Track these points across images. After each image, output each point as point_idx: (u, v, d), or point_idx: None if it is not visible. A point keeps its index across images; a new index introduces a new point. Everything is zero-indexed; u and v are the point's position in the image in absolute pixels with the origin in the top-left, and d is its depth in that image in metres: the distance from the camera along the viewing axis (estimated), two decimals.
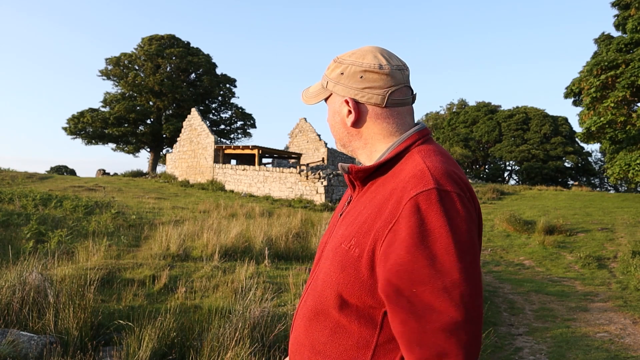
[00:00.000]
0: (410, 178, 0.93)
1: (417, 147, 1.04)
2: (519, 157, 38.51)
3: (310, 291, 1.09)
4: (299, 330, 1.08)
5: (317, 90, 1.16)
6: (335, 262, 1.00)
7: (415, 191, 0.89)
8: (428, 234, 0.86)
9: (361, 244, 0.96)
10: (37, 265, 4.98)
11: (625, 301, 6.61)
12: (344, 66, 1.09)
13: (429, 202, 0.87)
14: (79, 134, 35.40)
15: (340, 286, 0.97)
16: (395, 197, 0.93)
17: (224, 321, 3.90)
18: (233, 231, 8.61)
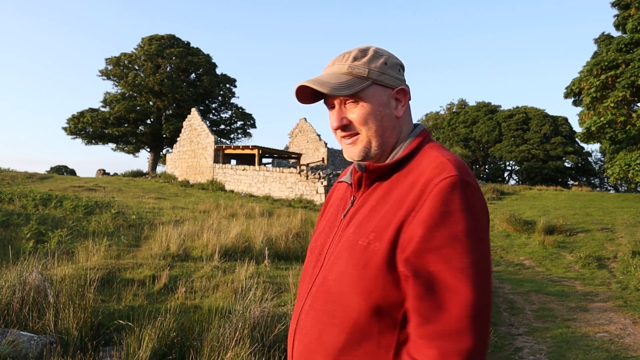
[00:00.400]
0: (433, 169, 0.97)
1: (428, 143, 1.08)
2: (519, 157, 38.50)
3: (320, 293, 1.04)
4: (310, 337, 1.02)
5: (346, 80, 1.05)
6: (354, 260, 0.98)
7: (440, 178, 0.93)
8: (449, 215, 0.89)
9: (381, 238, 0.96)
10: (37, 265, 4.98)
11: (625, 301, 6.61)
12: (385, 57, 1.09)
13: (453, 187, 0.92)
14: (79, 134, 35.39)
15: (361, 284, 0.95)
16: (417, 188, 0.96)
17: (224, 321, 3.90)
18: (233, 231, 8.61)
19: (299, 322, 1.08)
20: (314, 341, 1.01)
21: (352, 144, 1.09)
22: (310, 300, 1.06)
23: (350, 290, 0.97)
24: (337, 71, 1.08)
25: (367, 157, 1.09)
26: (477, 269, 0.87)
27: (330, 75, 1.07)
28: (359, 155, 1.08)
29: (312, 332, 1.02)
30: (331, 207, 1.24)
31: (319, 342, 1.00)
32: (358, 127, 1.07)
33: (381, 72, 1.07)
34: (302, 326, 1.06)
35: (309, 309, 1.05)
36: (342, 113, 1.08)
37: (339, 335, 0.97)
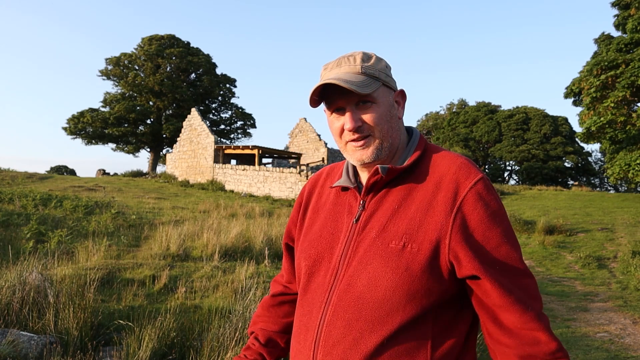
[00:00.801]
0: (457, 170, 1.03)
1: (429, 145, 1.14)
2: (519, 157, 38.50)
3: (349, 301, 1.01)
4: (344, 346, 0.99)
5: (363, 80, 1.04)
6: (392, 264, 0.98)
7: (472, 180, 1.01)
8: (495, 215, 1.00)
9: (417, 239, 0.99)
10: (37, 265, 4.98)
11: (625, 301, 6.61)
12: (385, 61, 1.12)
13: (487, 188, 1.01)
14: (79, 134, 35.40)
15: (405, 286, 0.96)
16: (445, 189, 1.02)
17: (224, 321, 3.90)
18: (233, 231, 8.61)
19: (321, 334, 1.02)
20: (348, 351, 0.98)
21: (362, 147, 1.06)
22: (333, 310, 1.02)
23: (393, 293, 0.97)
24: (350, 71, 1.05)
25: (377, 159, 1.07)
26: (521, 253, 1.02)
27: (347, 75, 1.04)
28: (370, 158, 1.07)
29: (345, 342, 0.99)
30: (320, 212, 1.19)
31: (355, 351, 0.98)
32: (371, 127, 1.06)
33: (386, 74, 1.09)
34: (327, 337, 1.01)
35: (333, 318, 1.01)
36: (357, 114, 1.06)
37: (378, 339, 0.97)
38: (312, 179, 1.32)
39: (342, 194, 1.16)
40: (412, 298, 0.96)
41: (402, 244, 0.99)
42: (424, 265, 0.97)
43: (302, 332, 1.08)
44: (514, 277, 0.98)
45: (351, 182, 1.13)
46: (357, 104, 1.06)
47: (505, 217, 1.01)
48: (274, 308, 1.35)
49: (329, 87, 1.06)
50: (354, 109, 1.06)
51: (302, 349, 1.07)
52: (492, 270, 0.97)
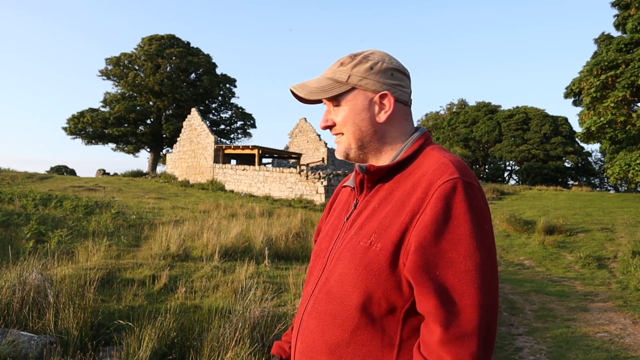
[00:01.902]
0: (435, 170, 0.98)
1: (429, 146, 1.09)
2: (519, 157, 38.50)
3: (322, 294, 1.06)
4: (314, 336, 1.04)
5: (326, 84, 1.10)
6: (355, 261, 0.99)
7: (442, 180, 0.94)
8: (453, 218, 0.91)
9: (383, 239, 0.97)
10: (37, 265, 4.98)
11: (625, 301, 6.61)
12: (372, 62, 1.10)
13: (455, 189, 0.93)
14: (79, 134, 35.38)
15: (363, 284, 0.96)
16: (420, 190, 0.97)
17: (224, 321, 3.90)
18: (233, 231, 8.61)
19: (302, 323, 1.09)
20: (317, 340, 1.03)
21: (338, 143, 1.15)
22: (313, 301, 1.08)
23: (352, 290, 0.98)
24: (324, 75, 1.13)
25: (349, 157, 1.13)
26: (482, 271, 0.89)
27: (316, 80, 1.13)
28: (340, 155, 1.14)
29: (315, 332, 1.04)
30: (334, 211, 1.27)
31: (322, 342, 1.02)
32: (340, 128, 1.12)
33: (363, 77, 1.08)
34: (304, 326, 1.08)
35: (311, 309, 1.07)
36: (329, 114, 1.14)
37: (342, 334, 0.99)
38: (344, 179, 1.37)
39: (351, 193, 1.22)
40: (369, 297, 0.96)
41: (369, 242, 0.99)
42: (383, 265, 0.95)
43: (296, 320, 1.16)
44: (444, 289, 0.88)
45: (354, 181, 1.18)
46: (333, 105, 1.13)
47: (467, 224, 0.90)
48: None
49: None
50: (330, 109, 1.14)
51: (293, 334, 1.15)
52: (424, 276, 0.90)
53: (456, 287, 0.88)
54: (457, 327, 0.87)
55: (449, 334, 0.87)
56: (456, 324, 0.87)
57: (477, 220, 0.92)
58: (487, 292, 0.89)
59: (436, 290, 0.89)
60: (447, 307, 0.88)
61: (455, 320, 0.87)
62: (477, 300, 0.87)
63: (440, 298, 0.88)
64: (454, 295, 0.88)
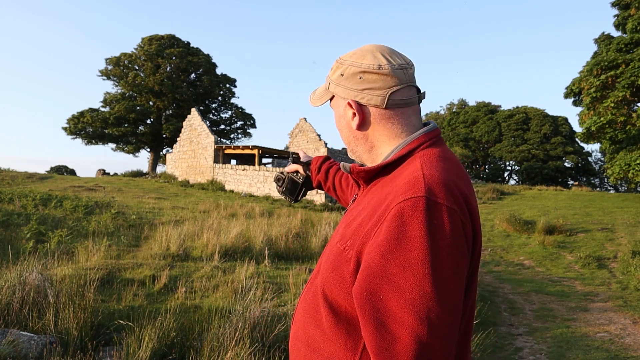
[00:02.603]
0: (404, 184, 0.89)
1: (421, 150, 1.00)
2: (519, 157, 38.51)
3: (310, 286, 1.09)
4: (297, 326, 1.08)
5: (321, 92, 1.15)
6: (330, 261, 0.99)
7: (404, 197, 0.86)
8: (406, 241, 0.82)
9: (354, 246, 0.93)
10: (37, 265, 4.98)
11: (625, 301, 6.61)
12: (343, 67, 1.06)
13: (414, 210, 0.83)
14: (79, 134, 35.40)
15: (329, 285, 0.96)
16: (387, 202, 0.90)
17: (224, 321, 3.90)
18: (233, 231, 8.61)
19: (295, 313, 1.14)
20: (299, 331, 1.06)
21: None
22: (304, 292, 1.12)
23: (325, 286, 0.99)
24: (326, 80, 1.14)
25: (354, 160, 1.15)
26: (429, 303, 0.79)
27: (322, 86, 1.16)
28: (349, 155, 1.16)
29: (299, 322, 1.07)
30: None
31: (303, 332, 1.04)
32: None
33: (337, 83, 1.07)
34: (295, 317, 1.12)
35: (302, 300, 1.11)
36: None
37: (317, 329, 1.00)
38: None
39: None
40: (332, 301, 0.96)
41: (344, 247, 0.96)
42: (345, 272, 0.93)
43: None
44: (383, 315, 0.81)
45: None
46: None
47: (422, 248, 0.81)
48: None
49: None
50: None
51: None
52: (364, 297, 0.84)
53: (397, 315, 0.80)
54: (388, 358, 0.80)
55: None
56: (388, 355, 0.80)
57: (434, 246, 0.81)
58: (432, 327, 0.78)
59: (375, 315, 0.82)
60: (382, 335, 0.81)
61: (387, 351, 0.80)
62: (416, 334, 0.78)
63: (378, 325, 0.82)
64: (392, 324, 0.80)
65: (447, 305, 0.81)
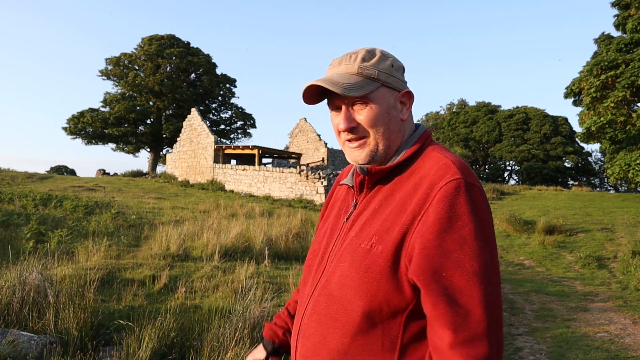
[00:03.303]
0: (436, 171, 0.96)
1: (430, 145, 1.07)
2: (519, 157, 38.50)
3: (322, 297, 1.03)
4: (314, 340, 1.02)
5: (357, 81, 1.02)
6: (356, 264, 0.97)
7: (445, 181, 0.93)
8: (456, 219, 0.89)
9: (384, 241, 0.95)
10: (37, 265, 4.97)
11: (625, 301, 6.61)
12: (391, 59, 1.07)
13: (458, 190, 0.91)
14: (79, 134, 35.39)
15: (364, 287, 0.95)
16: (421, 191, 0.95)
17: (224, 321, 3.90)
18: (233, 231, 8.61)
19: (301, 325, 1.07)
20: (317, 344, 1.01)
21: (358, 147, 1.06)
22: (312, 304, 1.05)
23: (353, 293, 0.96)
24: (346, 71, 1.04)
25: (373, 161, 1.06)
26: (487, 271, 0.88)
27: (340, 76, 1.03)
28: (364, 159, 1.05)
29: (315, 336, 1.02)
30: (332, 209, 1.23)
31: (323, 346, 1.00)
32: (366, 129, 1.04)
33: (389, 74, 1.05)
34: (304, 329, 1.06)
35: (311, 312, 1.05)
36: (351, 115, 1.05)
37: (342, 339, 0.97)
38: (339, 175, 1.32)
39: (348, 191, 1.19)
40: (370, 300, 0.94)
41: (370, 244, 0.97)
42: (383, 267, 0.93)
43: (295, 323, 1.13)
44: (454, 293, 0.87)
45: (352, 180, 1.15)
46: (353, 104, 1.04)
47: (472, 224, 0.89)
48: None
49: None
50: (350, 110, 1.05)
51: (292, 336, 1.12)
52: (432, 278, 0.88)
53: (463, 289, 0.87)
54: (467, 330, 0.85)
55: (459, 337, 0.85)
56: (466, 327, 0.86)
57: (480, 221, 0.90)
58: (493, 293, 0.88)
59: (443, 293, 0.87)
60: (455, 310, 0.86)
61: (464, 323, 0.86)
62: (485, 302, 0.86)
63: (448, 301, 0.87)
64: (462, 297, 0.87)
65: (498, 273, 0.92)
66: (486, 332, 0.85)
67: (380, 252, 0.95)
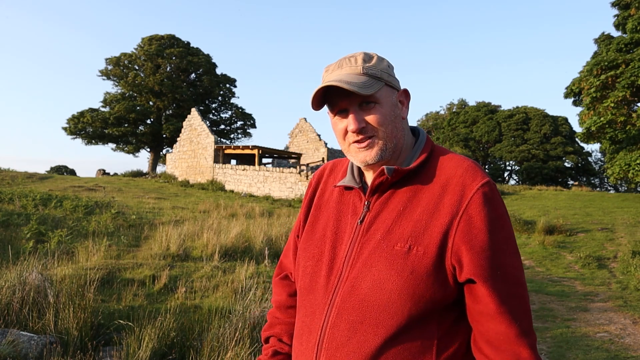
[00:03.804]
0: (464, 173, 1.02)
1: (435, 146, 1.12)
2: (519, 157, 38.50)
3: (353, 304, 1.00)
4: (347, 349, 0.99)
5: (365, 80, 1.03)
6: (397, 267, 0.97)
7: (478, 183, 1.00)
8: (499, 218, 0.99)
9: (422, 242, 0.98)
10: (37, 265, 4.97)
11: (625, 301, 6.61)
12: (386, 60, 1.11)
13: (492, 192, 1.00)
14: (79, 134, 35.41)
15: (411, 289, 0.95)
16: (452, 191, 1.01)
17: (224, 321, 3.90)
18: (233, 231, 8.61)
19: (325, 336, 1.02)
20: (351, 353, 0.98)
21: (367, 147, 1.05)
22: (336, 312, 1.01)
23: (398, 297, 0.96)
24: (352, 72, 1.04)
25: (381, 160, 1.06)
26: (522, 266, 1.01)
27: (349, 76, 1.03)
28: (374, 159, 1.06)
29: (349, 344, 0.99)
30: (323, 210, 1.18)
31: (359, 354, 0.97)
32: (375, 128, 1.05)
33: (389, 73, 1.08)
34: (331, 339, 1.01)
35: (337, 321, 1.01)
36: (360, 115, 1.05)
37: (384, 343, 0.96)
38: (316, 174, 1.29)
39: (346, 193, 1.15)
40: (418, 301, 0.95)
41: (407, 246, 0.98)
42: (430, 268, 0.96)
43: (304, 333, 1.07)
44: (511, 286, 0.96)
45: (356, 182, 1.12)
46: (360, 104, 1.05)
47: (509, 223, 1.00)
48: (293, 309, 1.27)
49: (331, 89, 1.05)
50: (357, 110, 1.05)
51: (304, 350, 1.06)
52: (491, 275, 0.95)
53: (517, 283, 0.97)
54: (525, 321, 0.95)
55: (522, 327, 0.94)
56: (524, 318, 0.96)
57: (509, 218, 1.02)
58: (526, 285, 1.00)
59: (505, 289, 0.95)
60: (517, 303, 0.96)
61: (523, 315, 0.96)
62: (527, 294, 0.98)
63: (511, 295, 0.95)
64: (515, 291, 0.96)
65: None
66: (532, 321, 0.98)
67: (423, 254, 0.97)
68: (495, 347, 0.95)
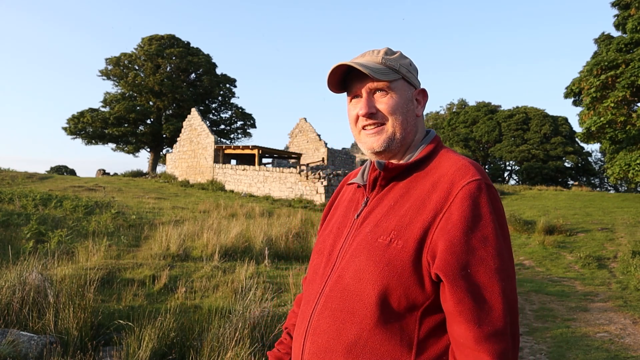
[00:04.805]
0: (456, 171, 1.00)
1: (443, 148, 1.12)
2: (519, 157, 38.49)
3: (336, 292, 1.03)
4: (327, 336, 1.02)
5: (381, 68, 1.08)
6: (375, 258, 0.99)
7: (466, 180, 0.97)
8: (480, 218, 0.94)
9: (404, 236, 0.98)
10: (37, 265, 4.97)
11: (625, 301, 6.61)
12: (409, 59, 1.14)
13: (479, 190, 0.96)
14: (79, 134, 35.38)
15: (384, 281, 0.96)
16: (440, 189, 0.99)
17: (224, 321, 3.90)
18: (233, 231, 8.61)
19: (311, 323, 1.06)
20: (331, 340, 1.01)
21: (375, 134, 1.10)
22: (323, 300, 1.06)
23: (372, 287, 0.97)
24: (371, 60, 1.10)
25: (388, 149, 1.10)
26: (506, 267, 0.93)
27: (366, 62, 1.09)
28: (381, 146, 1.09)
29: (329, 331, 1.02)
30: (338, 208, 1.24)
31: (338, 341, 1.00)
32: (386, 115, 1.09)
33: (408, 70, 1.12)
34: (315, 326, 1.05)
35: (323, 308, 1.05)
36: (372, 101, 1.10)
37: (360, 333, 0.98)
38: (345, 177, 1.35)
39: (357, 190, 1.20)
40: (390, 294, 0.96)
41: (389, 239, 0.99)
42: (406, 262, 0.96)
43: (300, 321, 1.12)
44: (476, 288, 0.91)
45: (363, 179, 1.16)
46: (374, 92, 1.10)
47: (493, 223, 0.94)
48: None
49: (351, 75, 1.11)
50: (370, 96, 1.10)
51: (297, 336, 1.11)
52: (456, 273, 0.91)
53: (487, 285, 0.91)
54: (490, 325, 0.89)
55: (484, 331, 0.89)
56: (489, 322, 0.89)
57: (499, 221, 0.96)
58: (511, 288, 0.93)
59: (468, 288, 0.91)
60: (480, 305, 0.90)
61: (487, 318, 0.90)
62: (505, 299, 0.91)
63: (473, 296, 0.91)
64: (485, 293, 0.91)
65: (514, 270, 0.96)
66: (507, 327, 0.90)
67: (401, 247, 0.97)
68: (460, 350, 0.92)
